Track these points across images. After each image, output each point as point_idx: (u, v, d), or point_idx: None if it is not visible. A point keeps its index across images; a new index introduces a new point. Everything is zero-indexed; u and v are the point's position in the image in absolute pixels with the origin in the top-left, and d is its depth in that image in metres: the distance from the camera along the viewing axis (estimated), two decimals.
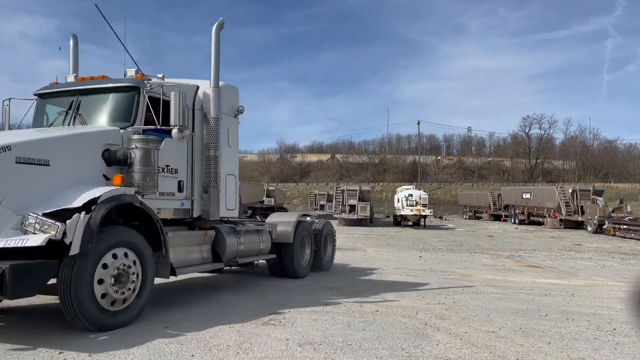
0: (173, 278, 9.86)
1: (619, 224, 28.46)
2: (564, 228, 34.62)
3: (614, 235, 28.24)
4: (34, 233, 5.37)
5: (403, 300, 8.47)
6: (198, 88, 8.37)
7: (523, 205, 42.03)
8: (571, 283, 10.99)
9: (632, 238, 26.14)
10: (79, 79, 7.81)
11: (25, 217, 5.49)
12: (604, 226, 29.72)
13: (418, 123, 77.35)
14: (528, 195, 41.67)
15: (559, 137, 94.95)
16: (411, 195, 37.25)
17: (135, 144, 6.68)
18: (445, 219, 52.23)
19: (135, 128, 6.96)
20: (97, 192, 5.94)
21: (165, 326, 6.30)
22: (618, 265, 14.96)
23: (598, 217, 30.45)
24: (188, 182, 7.97)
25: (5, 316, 7.01)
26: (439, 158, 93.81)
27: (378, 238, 25.21)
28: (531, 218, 40.72)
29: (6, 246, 5.23)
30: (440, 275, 11.91)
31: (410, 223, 36.93)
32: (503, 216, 46.62)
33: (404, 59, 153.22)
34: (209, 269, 9.05)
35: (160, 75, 7.77)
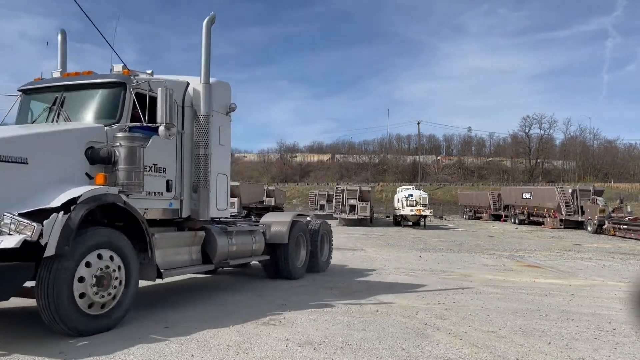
0: (173, 278, 9.92)
1: (619, 224, 28.47)
2: (564, 228, 34.62)
3: (614, 235, 28.24)
4: (10, 234, 5.16)
5: (403, 300, 8.47)
6: (188, 84, 8.09)
7: (523, 205, 42.04)
8: (571, 283, 11.00)
9: (632, 238, 26.14)
10: (64, 75, 7.58)
11: (0, 218, 5.26)
12: (604, 226, 29.73)
13: (418, 123, 77.49)
14: (528, 195, 41.68)
15: (559, 137, 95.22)
16: (411, 195, 37.27)
17: (119, 142, 6.43)
18: (445, 219, 52.23)
19: (120, 125, 6.72)
20: (77, 192, 5.70)
21: (165, 326, 6.30)
22: (618, 265, 14.96)
23: (598, 217, 30.46)
24: (177, 182, 7.71)
25: None
26: (439, 158, 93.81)
27: (378, 238, 25.21)
28: (531, 218, 40.72)
29: None
30: (440, 275, 11.92)
31: (410, 223, 36.95)
32: (503, 216, 46.63)
33: (404, 59, 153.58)
34: (199, 271, 8.80)
35: (149, 71, 7.54)
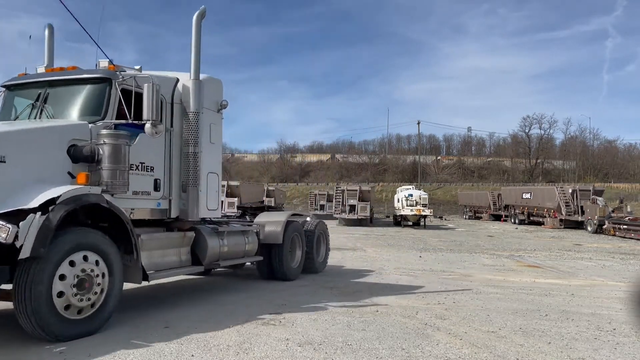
0: (173, 278, 9.92)
1: (619, 224, 28.47)
2: (564, 228, 34.62)
3: (614, 235, 28.24)
4: None
5: (403, 300, 8.47)
6: (178, 81, 7.83)
7: (523, 205, 42.05)
8: (571, 283, 10.99)
9: (632, 238, 26.14)
10: (48, 70, 7.38)
11: None
12: (604, 226, 29.73)
13: (418, 123, 77.49)
14: (528, 195, 41.68)
15: (559, 137, 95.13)
16: (411, 195, 37.28)
17: (103, 139, 6.16)
18: (445, 219, 52.23)
19: (106, 122, 6.47)
20: (57, 192, 5.47)
21: (165, 326, 6.30)
22: (618, 265, 14.95)
23: (598, 217, 30.46)
24: (165, 181, 7.48)
25: None
26: (439, 158, 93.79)
27: (378, 238, 25.21)
28: (531, 218, 40.73)
29: None
30: (440, 275, 11.91)
31: (410, 223, 36.96)
32: (503, 216, 46.64)
33: (404, 59, 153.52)
34: (187, 273, 8.57)
35: (137, 67, 7.28)
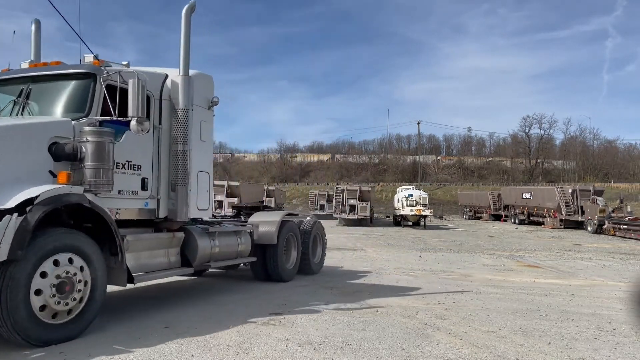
0: (174, 278, 9.93)
1: (619, 224, 28.46)
2: (564, 228, 34.62)
3: (614, 235, 28.24)
4: None
5: (403, 300, 8.47)
6: (167, 77, 7.59)
7: (523, 205, 42.04)
8: (571, 283, 11.00)
9: (632, 238, 26.14)
10: (31, 65, 7.17)
11: None
12: (604, 226, 29.73)
13: (418, 123, 77.46)
14: (528, 195, 41.68)
15: (559, 137, 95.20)
16: (411, 195, 37.27)
17: (86, 137, 5.93)
18: (445, 219, 52.24)
19: (90, 119, 6.23)
20: (35, 192, 5.26)
21: (165, 326, 6.30)
22: (618, 265, 14.95)
23: (598, 217, 30.46)
24: (153, 180, 7.26)
25: None
26: (439, 158, 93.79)
27: (378, 238, 25.21)
28: (531, 218, 40.72)
29: None
30: (440, 275, 11.92)
31: (410, 223, 36.96)
32: (503, 216, 46.63)
33: (404, 59, 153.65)
34: (176, 275, 8.43)
35: (125, 62, 7.08)
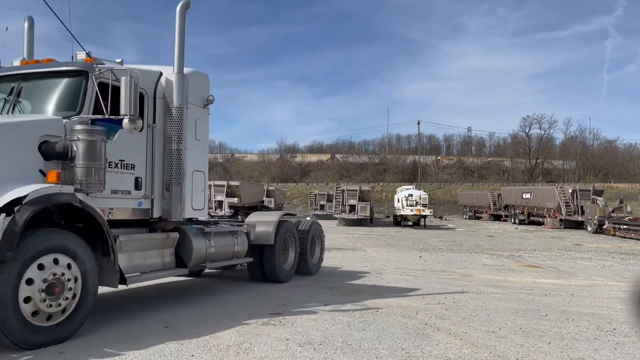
0: (172, 279, 9.92)
1: (619, 224, 28.46)
2: (564, 228, 34.61)
3: (614, 235, 28.24)
4: None
5: (403, 300, 8.47)
6: (161, 74, 7.49)
7: (523, 205, 42.03)
8: (571, 283, 11.00)
9: (632, 238, 26.13)
10: (23, 63, 7.11)
11: None
12: (604, 226, 29.72)
13: (418, 123, 77.42)
14: (528, 195, 41.67)
15: (559, 137, 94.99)
16: (411, 195, 37.26)
17: (77, 135, 5.82)
18: (445, 219, 52.22)
19: (82, 117, 6.14)
20: (24, 191, 5.17)
21: (165, 326, 6.30)
22: (618, 265, 14.96)
23: (598, 217, 30.45)
24: (147, 179, 7.17)
25: None
26: (439, 158, 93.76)
27: (378, 238, 25.21)
28: (531, 218, 40.71)
29: None
30: (440, 275, 11.92)
31: (410, 223, 36.94)
32: (503, 216, 46.61)
33: (404, 59, 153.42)
34: (170, 276, 8.32)
35: (118, 60, 6.97)
